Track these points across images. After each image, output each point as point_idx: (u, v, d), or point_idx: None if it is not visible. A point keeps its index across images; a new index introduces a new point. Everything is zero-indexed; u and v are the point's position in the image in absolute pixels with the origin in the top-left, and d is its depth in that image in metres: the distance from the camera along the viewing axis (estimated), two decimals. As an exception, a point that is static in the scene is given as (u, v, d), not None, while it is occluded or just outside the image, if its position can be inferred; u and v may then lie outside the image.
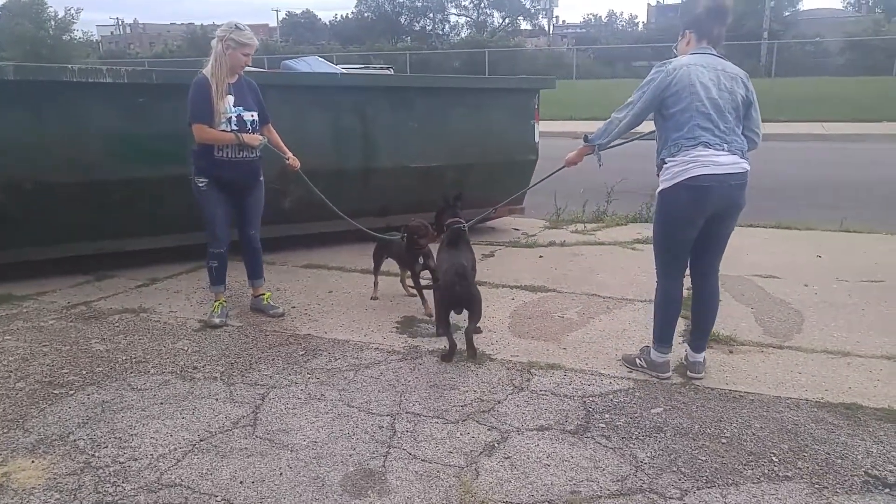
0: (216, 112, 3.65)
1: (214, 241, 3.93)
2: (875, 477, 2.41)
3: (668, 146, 2.97)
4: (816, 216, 6.80)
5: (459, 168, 5.87)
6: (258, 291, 4.22)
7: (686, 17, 3.12)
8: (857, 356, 3.43)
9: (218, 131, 3.69)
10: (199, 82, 3.71)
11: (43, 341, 3.74)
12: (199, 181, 3.82)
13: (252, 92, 3.89)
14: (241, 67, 3.78)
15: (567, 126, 17.19)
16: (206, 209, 3.86)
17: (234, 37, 3.67)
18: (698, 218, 2.99)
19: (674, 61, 3.01)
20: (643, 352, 3.35)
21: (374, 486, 2.42)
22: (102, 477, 2.47)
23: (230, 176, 3.84)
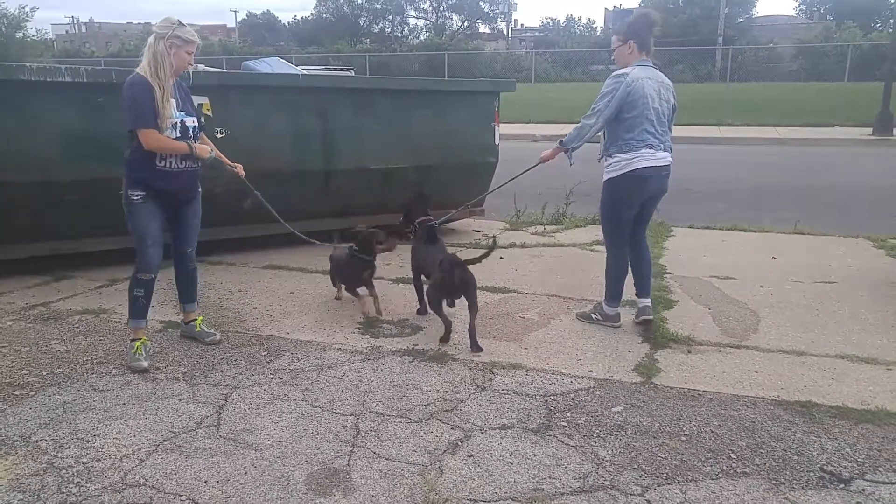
0: (161, 117, 3.25)
1: (145, 266, 3.40)
2: (830, 473, 2.48)
3: (617, 143, 3.63)
4: (771, 219, 7.03)
5: (420, 169, 5.88)
6: (190, 317, 3.76)
7: (631, 28, 3.71)
8: (811, 355, 3.54)
9: (172, 140, 3.30)
10: (138, 83, 3.25)
11: (2, 342, 3.65)
12: (134, 194, 3.33)
13: (189, 96, 3.55)
14: (184, 68, 3.41)
15: (526, 129, 17.43)
16: (139, 225, 3.37)
17: (178, 34, 3.29)
18: (638, 199, 3.74)
19: (630, 74, 3.58)
20: (596, 308, 4.00)
21: (339, 484, 2.41)
22: (66, 477, 2.44)
23: (171, 188, 3.41)
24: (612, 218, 3.83)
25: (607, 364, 3.43)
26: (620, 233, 3.83)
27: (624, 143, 3.59)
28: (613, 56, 3.80)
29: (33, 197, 4.47)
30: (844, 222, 6.85)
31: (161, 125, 3.26)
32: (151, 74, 3.25)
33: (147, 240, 3.37)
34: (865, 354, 3.53)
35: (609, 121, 3.60)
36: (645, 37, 3.66)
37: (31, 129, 4.40)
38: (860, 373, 3.33)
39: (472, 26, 62.11)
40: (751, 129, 17.42)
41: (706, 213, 7.40)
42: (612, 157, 3.66)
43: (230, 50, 43.34)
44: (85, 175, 4.54)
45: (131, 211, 3.37)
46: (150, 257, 3.39)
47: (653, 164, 3.61)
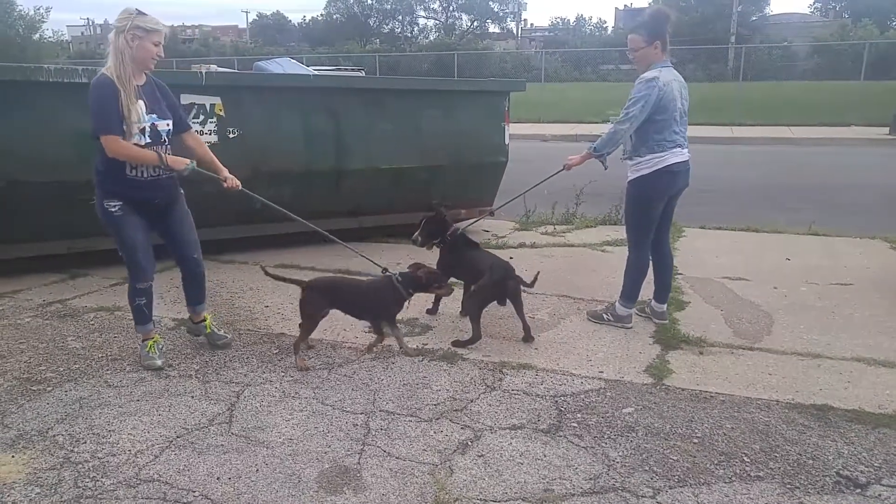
0: (128, 122, 2.98)
1: (140, 274, 3.26)
2: (846, 477, 2.46)
3: (648, 144, 3.68)
4: (785, 219, 6.95)
5: (430, 170, 5.89)
6: (200, 317, 3.62)
7: (657, 29, 3.68)
8: (827, 358, 3.50)
9: (137, 148, 3.03)
10: (101, 84, 2.99)
11: (19, 339, 3.70)
12: (110, 205, 3.12)
13: (165, 96, 3.24)
14: (152, 61, 3.08)
15: (536, 128, 17.38)
16: (125, 237, 3.18)
17: (139, 24, 2.96)
18: (667, 195, 3.81)
19: (660, 78, 3.61)
20: (608, 309, 4.01)
21: (350, 482, 2.42)
22: (82, 472, 2.47)
23: (146, 196, 3.19)
24: (641, 216, 3.84)
25: (618, 365, 3.42)
26: (646, 231, 3.86)
27: (655, 144, 3.67)
28: (634, 56, 3.74)
29: (50, 196, 4.51)
30: (860, 223, 6.76)
31: (127, 130, 2.99)
32: (116, 74, 2.99)
33: (138, 252, 3.22)
34: (882, 357, 3.49)
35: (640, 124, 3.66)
36: (667, 35, 3.68)
37: (48, 129, 4.45)
38: (877, 376, 3.29)
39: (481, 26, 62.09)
40: (764, 129, 17.25)
41: (719, 213, 7.35)
42: (643, 156, 3.69)
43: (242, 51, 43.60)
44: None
45: (113, 223, 3.17)
46: (144, 267, 3.26)
47: (681, 159, 3.74)
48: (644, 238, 3.87)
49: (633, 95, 3.65)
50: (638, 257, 3.90)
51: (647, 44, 3.65)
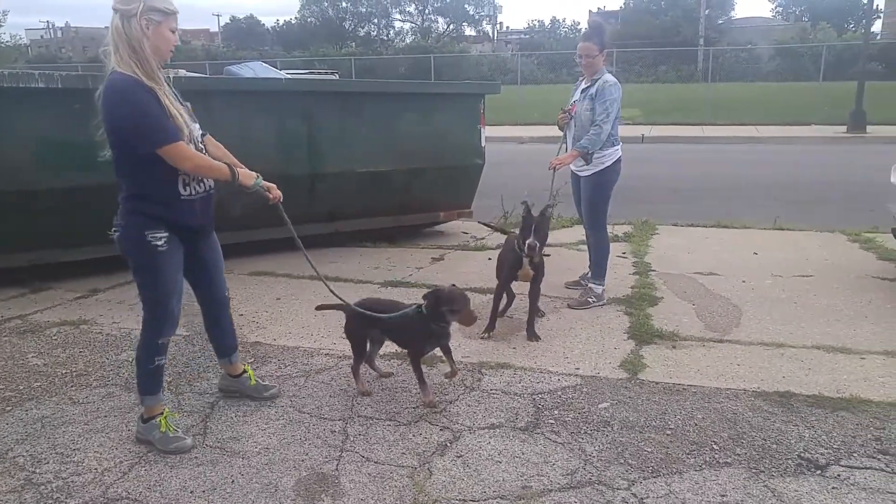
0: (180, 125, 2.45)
1: (169, 326, 2.63)
2: (807, 460, 2.54)
3: (609, 139, 4.13)
4: (752, 215, 7.13)
5: (407, 172, 5.90)
6: (239, 370, 3.08)
7: (606, 38, 4.15)
8: (790, 347, 3.61)
9: (211, 159, 2.54)
10: (127, 86, 2.37)
11: (-25, 357, 3.57)
12: (156, 237, 2.49)
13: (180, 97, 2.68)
14: (169, 53, 2.52)
15: (513, 131, 17.50)
16: (165, 279, 2.55)
17: (154, 4, 2.38)
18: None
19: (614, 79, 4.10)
20: (586, 293, 4.36)
21: (328, 489, 2.41)
22: (45, 493, 2.40)
23: (198, 220, 2.64)
24: (604, 203, 4.32)
25: (594, 361, 3.47)
26: (605, 217, 4.37)
27: (614, 139, 4.20)
28: (587, 62, 4.11)
29: (8, 206, 4.40)
30: (821, 217, 6.98)
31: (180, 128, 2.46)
32: (143, 71, 2.40)
33: (174, 296, 2.59)
34: (839, 344, 3.62)
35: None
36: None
37: (5, 136, 4.33)
38: (835, 362, 3.40)
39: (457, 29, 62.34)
40: (732, 128, 17.63)
41: (690, 211, 7.49)
42: (605, 150, 4.17)
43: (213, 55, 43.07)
44: (62, 183, 4.49)
45: (153, 262, 2.52)
46: (176, 317, 2.65)
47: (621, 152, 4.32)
48: (604, 223, 4.39)
49: (607, 97, 4.04)
50: (603, 239, 4.39)
51: (600, 51, 4.08)
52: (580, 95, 4.22)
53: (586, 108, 4.12)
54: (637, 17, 51.07)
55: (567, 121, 4.31)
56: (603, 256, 4.38)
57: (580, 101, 4.19)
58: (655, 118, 18.96)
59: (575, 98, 4.29)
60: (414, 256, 5.68)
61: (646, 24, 47.50)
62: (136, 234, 2.49)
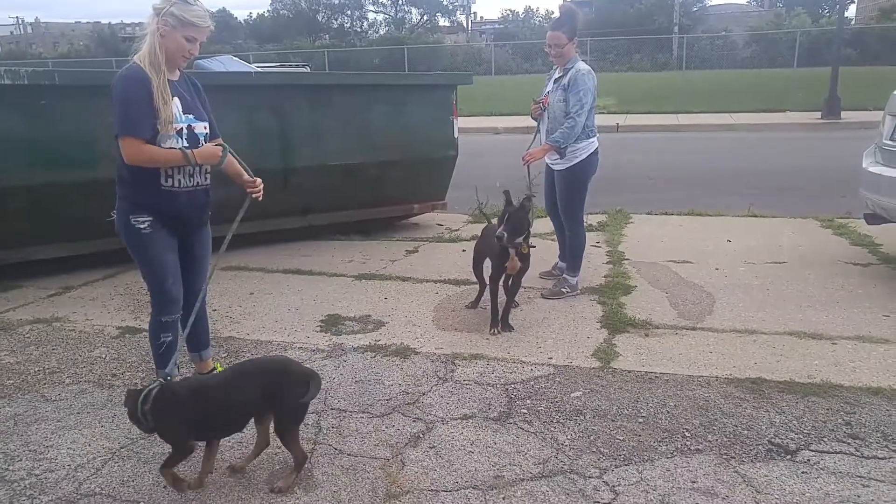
0: (163, 120, 2.55)
1: (169, 305, 2.77)
2: (777, 445, 2.58)
3: (585, 131, 4.07)
4: (726, 203, 7.21)
5: (380, 165, 5.87)
6: (207, 366, 3.14)
7: (576, 26, 4.07)
8: (762, 333, 3.66)
9: (158, 148, 2.55)
10: (128, 76, 2.54)
11: (-56, 358, 3.51)
12: (139, 221, 2.63)
13: (200, 97, 2.82)
14: (182, 59, 2.64)
15: (488, 122, 17.49)
16: (154, 259, 2.70)
17: (174, 11, 2.53)
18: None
19: (588, 67, 4.01)
20: (560, 283, 4.37)
21: (301, 482, 2.41)
22: (17, 490, 2.39)
23: (183, 212, 2.73)
24: (581, 197, 4.28)
25: (566, 350, 3.49)
26: (582, 210, 4.34)
27: (590, 131, 4.12)
28: (557, 52, 4.05)
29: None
30: (795, 204, 7.07)
31: (162, 131, 2.56)
32: (150, 61, 2.56)
33: (168, 277, 2.73)
34: (812, 330, 3.67)
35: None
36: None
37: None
38: (807, 348, 3.46)
39: (431, 20, 61.99)
40: (707, 116, 17.78)
41: (665, 199, 7.56)
42: (580, 143, 4.10)
43: (185, 49, 42.27)
44: (30, 181, 4.41)
45: (139, 243, 2.68)
46: (175, 297, 2.78)
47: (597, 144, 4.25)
48: (581, 214, 4.36)
49: (581, 87, 3.96)
50: (579, 233, 4.36)
51: (569, 40, 4.01)
52: (553, 86, 4.17)
53: (559, 98, 4.07)
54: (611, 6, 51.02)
55: (540, 112, 4.26)
56: (579, 249, 4.35)
57: (553, 92, 4.14)
58: (630, 107, 19.05)
59: (548, 89, 4.23)
60: (388, 249, 5.66)
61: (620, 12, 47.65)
62: (123, 218, 2.68)
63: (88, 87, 4.47)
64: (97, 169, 4.28)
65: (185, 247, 2.85)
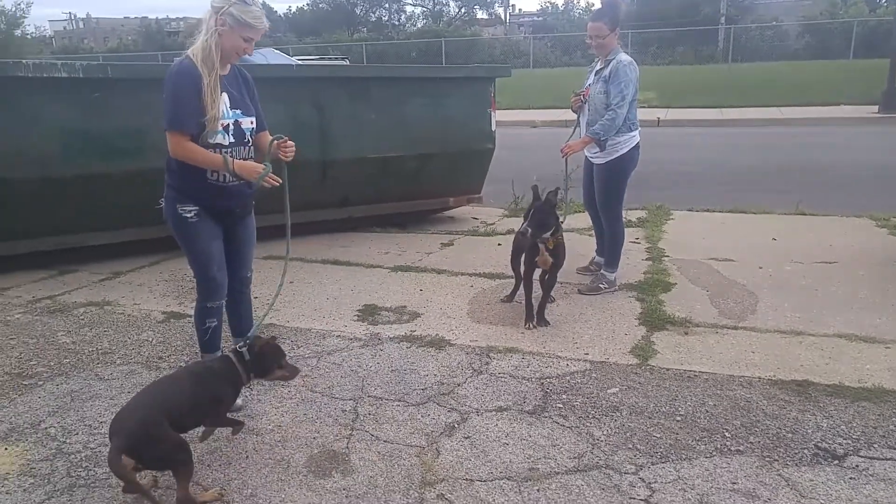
0: (211, 117, 2.60)
1: (214, 291, 2.86)
2: (824, 450, 2.51)
3: (625, 124, 4.01)
4: (772, 200, 6.98)
5: (417, 158, 5.88)
6: None
7: (618, 17, 4.03)
8: (809, 335, 3.54)
9: (202, 150, 2.62)
10: (180, 71, 2.60)
11: (10, 335, 3.71)
12: (186, 210, 2.72)
13: (249, 90, 2.86)
14: (236, 57, 2.71)
15: (525, 115, 17.33)
16: (199, 247, 2.79)
17: (233, 11, 2.59)
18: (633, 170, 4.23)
19: (630, 59, 3.95)
20: (598, 279, 4.33)
21: (338, 466, 2.46)
22: (74, 462, 2.51)
23: (227, 205, 2.81)
24: (620, 192, 4.23)
25: (604, 347, 3.46)
26: (622, 203, 4.29)
27: (631, 124, 4.04)
28: (597, 43, 3.99)
29: (36, 193, 4.51)
30: (847, 202, 6.80)
31: (209, 126, 2.61)
32: (201, 57, 2.60)
33: (213, 265, 2.82)
34: (864, 333, 3.54)
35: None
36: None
37: (33, 125, 4.43)
38: (858, 351, 3.34)
39: (469, 12, 61.63)
40: (754, 111, 17.22)
41: (706, 196, 7.38)
42: (621, 137, 4.04)
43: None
44: (85, 170, 4.59)
45: (185, 231, 2.77)
46: (219, 283, 2.87)
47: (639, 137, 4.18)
48: (620, 209, 4.30)
49: (622, 79, 3.89)
50: (619, 229, 4.31)
51: (611, 31, 3.94)
52: (594, 78, 4.12)
53: (600, 91, 4.02)
54: (654, -4, 49.78)
55: (580, 105, 4.22)
56: (617, 245, 4.30)
57: (594, 84, 4.09)
58: (671, 101, 18.62)
59: (589, 81, 4.18)
60: (424, 242, 5.68)
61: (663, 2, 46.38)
62: (171, 206, 2.76)
63: (138, 80, 4.62)
64: (146, 159, 4.41)
65: (230, 235, 2.93)
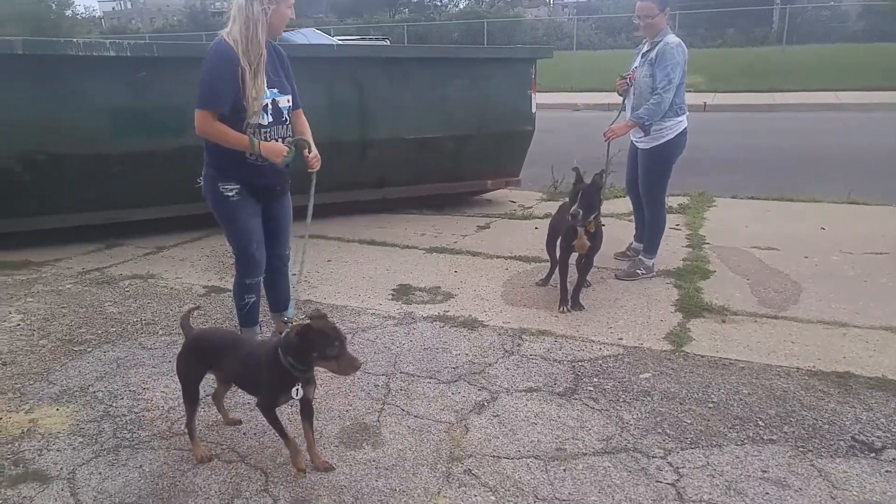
0: (249, 98, 2.63)
1: (253, 268, 2.94)
2: (861, 442, 2.45)
3: (673, 108, 3.89)
4: (823, 189, 6.72)
5: (455, 139, 5.87)
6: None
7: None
8: (854, 327, 3.44)
9: (228, 129, 2.66)
10: (219, 52, 2.61)
11: (62, 304, 3.89)
12: (227, 188, 2.79)
13: (284, 67, 2.87)
14: (283, 28, 2.76)
15: (568, 97, 17.06)
16: (240, 225, 2.85)
17: None
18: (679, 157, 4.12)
19: (678, 40, 3.83)
20: (635, 265, 4.27)
21: (369, 438, 2.52)
22: (120, 424, 2.65)
23: (266, 182, 2.87)
24: (664, 178, 4.13)
25: (638, 332, 3.43)
26: (665, 190, 4.19)
27: (678, 108, 3.93)
28: (646, 23, 3.86)
29: (86, 169, 4.69)
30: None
31: (249, 108, 2.65)
32: (243, 46, 2.61)
33: (252, 243, 2.89)
34: (912, 326, 3.41)
35: None
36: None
37: (83, 103, 4.59)
38: (904, 344, 3.22)
39: (512, -7, 60.60)
40: (808, 95, 16.55)
41: (752, 183, 7.17)
42: (666, 122, 3.93)
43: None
44: (132, 147, 4.74)
45: (226, 210, 2.83)
46: (258, 261, 2.95)
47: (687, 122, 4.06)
48: (664, 196, 4.20)
49: (668, 62, 3.77)
50: (660, 214, 4.21)
51: (661, 10, 3.82)
52: (640, 60, 4.02)
53: (646, 74, 3.92)
54: (705, -24, 48.04)
55: (626, 88, 4.12)
56: (657, 231, 4.22)
57: (640, 67, 3.99)
58: (720, 85, 18.03)
59: (636, 63, 4.08)
60: (460, 224, 5.69)
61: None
62: (211, 186, 2.84)
63: (183, 58, 4.71)
64: (190, 137, 4.51)
65: (268, 213, 3.00)
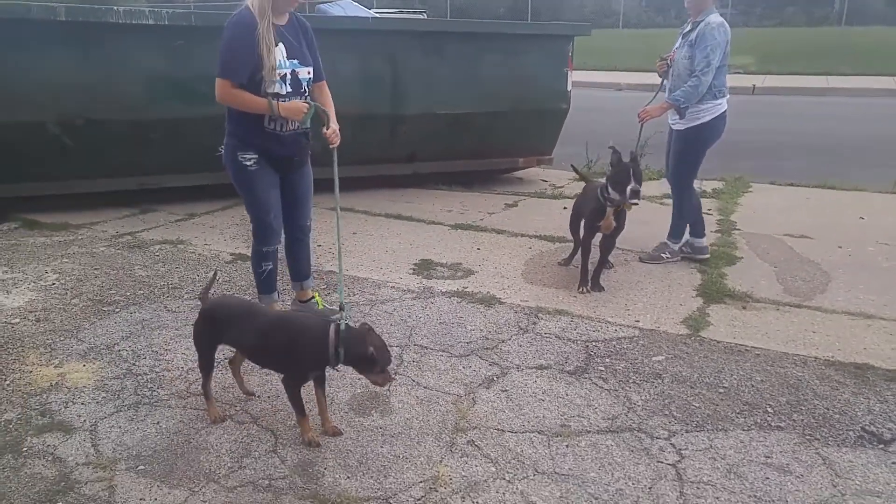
0: (267, 67, 2.69)
1: (270, 237, 3.01)
2: (871, 433, 2.42)
3: (711, 91, 3.78)
4: (869, 176, 6.49)
5: (487, 115, 5.84)
6: (308, 295, 3.35)
7: None
8: (880, 319, 3.36)
9: (246, 94, 2.72)
10: (237, 21, 2.70)
11: (95, 265, 4.07)
12: (245, 157, 2.85)
13: (307, 39, 2.91)
14: (292, 4, 2.81)
15: (610, 76, 16.68)
16: (258, 194, 2.92)
17: None
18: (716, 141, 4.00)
19: (723, 22, 3.72)
20: (660, 248, 4.21)
21: (378, 406, 2.60)
22: (141, 382, 2.78)
23: (286, 152, 2.92)
24: (695, 161, 4.03)
25: (656, 315, 3.41)
26: (693, 177, 4.12)
27: (717, 91, 3.81)
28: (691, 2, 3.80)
29: (122, 135, 4.85)
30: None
31: (267, 77, 2.70)
32: (259, 11, 2.67)
33: (270, 211, 2.96)
34: (943, 321, 3.31)
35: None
36: None
37: (121, 69, 4.74)
38: (931, 339, 3.14)
39: (559, -32, 59.18)
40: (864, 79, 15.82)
41: (794, 169, 6.96)
42: (704, 104, 3.82)
43: (311, -8, 43.84)
44: (168, 115, 4.88)
45: (245, 178, 2.89)
46: (275, 230, 3.01)
47: (727, 106, 3.93)
48: (692, 180, 4.13)
49: (709, 43, 3.67)
50: (690, 197, 4.14)
51: None
52: (680, 41, 3.92)
53: (685, 55, 3.82)
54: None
55: (666, 69, 4.03)
56: (684, 216, 4.14)
57: (679, 48, 3.90)
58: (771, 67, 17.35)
59: (677, 44, 3.98)
60: (488, 201, 5.70)
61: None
62: (231, 155, 2.90)
63: (219, 28, 4.78)
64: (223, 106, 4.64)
65: (288, 184, 3.06)
